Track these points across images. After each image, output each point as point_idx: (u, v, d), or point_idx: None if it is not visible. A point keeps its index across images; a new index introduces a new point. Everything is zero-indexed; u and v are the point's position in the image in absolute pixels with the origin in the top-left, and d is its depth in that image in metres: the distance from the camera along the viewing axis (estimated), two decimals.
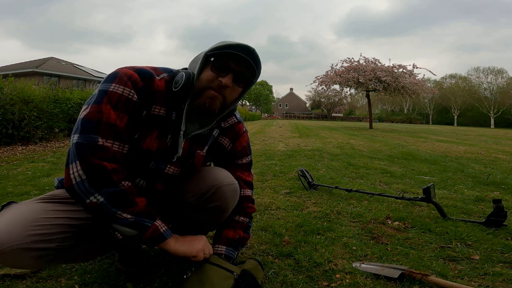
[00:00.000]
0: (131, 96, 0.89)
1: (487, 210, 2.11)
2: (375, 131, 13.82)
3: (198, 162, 1.09)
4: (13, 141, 5.23)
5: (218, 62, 0.96)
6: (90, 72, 25.29)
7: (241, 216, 1.16)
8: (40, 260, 0.83)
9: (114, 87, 0.88)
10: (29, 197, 2.20)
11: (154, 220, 0.90)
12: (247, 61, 0.95)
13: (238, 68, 0.96)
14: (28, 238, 0.79)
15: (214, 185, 1.03)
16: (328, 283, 1.16)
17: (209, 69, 0.96)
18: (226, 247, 1.09)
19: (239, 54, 0.94)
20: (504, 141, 9.79)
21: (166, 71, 1.00)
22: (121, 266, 1.20)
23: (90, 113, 0.86)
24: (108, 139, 0.85)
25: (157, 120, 0.96)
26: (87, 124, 0.84)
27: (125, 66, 0.94)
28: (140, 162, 0.98)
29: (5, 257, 0.78)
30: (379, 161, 4.44)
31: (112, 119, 0.86)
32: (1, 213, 0.87)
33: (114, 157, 0.86)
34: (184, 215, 1.11)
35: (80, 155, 0.82)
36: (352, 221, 1.87)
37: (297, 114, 69.63)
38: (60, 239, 0.85)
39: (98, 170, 0.82)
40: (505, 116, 48.11)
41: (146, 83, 0.93)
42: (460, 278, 1.22)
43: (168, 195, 1.09)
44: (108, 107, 0.86)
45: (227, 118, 1.14)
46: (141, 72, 0.93)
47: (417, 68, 16.10)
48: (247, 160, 1.21)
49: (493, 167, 4.20)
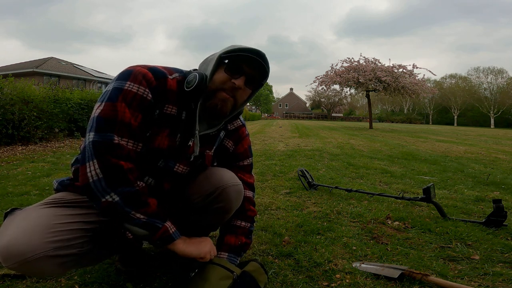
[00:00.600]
0: (145, 95, 0.90)
1: (487, 210, 2.11)
2: (375, 131, 13.82)
3: (208, 163, 1.10)
4: (13, 141, 5.23)
5: (232, 64, 0.97)
6: (90, 72, 25.29)
7: (242, 220, 1.16)
8: (62, 266, 0.83)
9: (129, 85, 0.88)
10: (29, 197, 2.20)
11: (165, 221, 0.91)
12: (260, 65, 0.98)
13: (251, 71, 0.99)
14: (49, 245, 0.78)
15: (220, 186, 1.03)
16: (328, 283, 1.16)
17: (222, 71, 0.97)
18: (228, 253, 1.10)
19: (253, 57, 0.96)
20: (504, 141, 9.79)
21: (178, 71, 1.01)
22: (121, 266, 1.21)
23: (105, 110, 0.85)
24: (124, 138, 0.86)
25: (168, 119, 0.97)
26: (102, 122, 0.84)
27: (139, 64, 0.94)
28: (150, 160, 0.98)
29: (29, 266, 0.76)
30: (379, 161, 4.44)
31: (127, 117, 0.86)
32: (8, 221, 0.85)
33: (129, 155, 0.87)
34: (188, 215, 1.11)
35: (97, 153, 0.82)
36: (352, 221, 1.87)
37: (297, 114, 69.63)
38: (79, 244, 0.85)
39: (115, 169, 0.83)
40: (505, 116, 48.12)
41: (160, 82, 0.94)
42: (460, 278, 1.22)
43: (174, 195, 1.10)
44: (123, 105, 0.86)
45: (233, 120, 1.16)
46: (155, 71, 0.94)
47: (417, 68, 16.10)
48: (248, 162, 1.22)
49: (493, 167, 4.20)
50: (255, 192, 1.26)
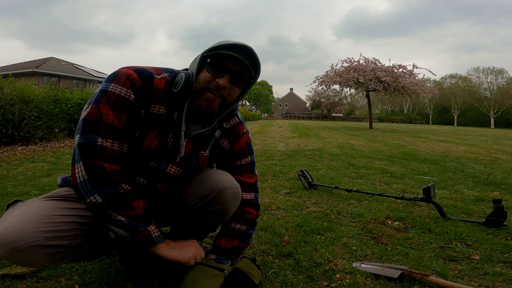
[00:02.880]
0: (127, 95, 0.90)
1: (487, 210, 2.11)
2: (375, 131, 13.82)
3: (203, 164, 1.09)
4: (13, 141, 5.23)
5: (215, 63, 0.95)
6: (90, 72, 25.30)
7: (237, 223, 1.13)
8: (52, 257, 0.84)
9: (113, 87, 0.90)
10: (29, 197, 2.20)
11: (148, 225, 0.92)
12: (246, 60, 0.95)
13: (236, 68, 0.95)
14: (42, 234, 0.80)
15: (215, 189, 1.02)
16: (328, 283, 1.16)
17: (206, 70, 0.96)
18: (216, 256, 1.09)
19: (235, 55, 0.93)
20: (504, 141, 9.79)
21: (168, 71, 1.01)
22: (121, 266, 1.21)
23: (90, 113, 0.88)
24: (108, 139, 0.88)
25: (157, 118, 0.97)
26: (87, 124, 0.87)
27: (127, 66, 0.95)
28: (141, 160, 0.99)
29: (19, 254, 0.78)
30: (379, 161, 4.44)
31: (110, 119, 0.88)
32: (9, 211, 0.88)
33: (114, 156, 0.88)
34: (184, 217, 1.11)
35: (83, 156, 0.85)
36: (352, 221, 1.87)
37: (297, 114, 69.65)
38: (72, 236, 0.87)
39: (98, 171, 0.85)
40: (505, 116, 48.13)
41: (145, 82, 0.93)
42: (460, 278, 1.22)
43: (168, 195, 1.09)
44: (106, 107, 0.88)
45: (229, 118, 1.14)
46: (140, 72, 0.94)
47: (417, 68, 16.11)
48: (246, 161, 1.19)
49: (493, 167, 4.20)
50: (258, 192, 1.23)
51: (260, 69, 1.01)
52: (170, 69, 1.03)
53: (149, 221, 0.92)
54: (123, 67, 0.95)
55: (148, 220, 0.92)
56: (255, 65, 0.99)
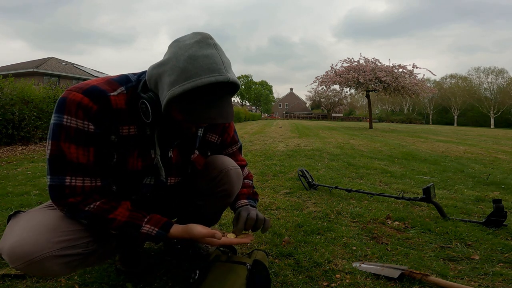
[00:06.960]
0: (86, 127, 0.81)
1: (487, 210, 2.11)
2: (375, 131, 13.82)
3: (199, 166, 1.11)
4: (13, 141, 5.23)
5: (190, 116, 0.81)
6: (90, 72, 25.30)
7: (245, 179, 1.24)
8: (67, 266, 0.83)
9: (67, 119, 0.80)
10: (29, 197, 2.20)
11: (140, 227, 0.88)
12: (228, 99, 0.85)
13: (216, 112, 0.83)
14: (55, 245, 0.79)
15: (223, 169, 1.08)
16: (328, 283, 1.16)
17: (179, 112, 0.82)
18: (247, 200, 1.16)
19: (215, 117, 0.81)
20: (504, 141, 9.79)
21: (122, 82, 0.88)
22: (121, 266, 1.21)
23: (52, 151, 0.81)
24: (78, 177, 0.83)
25: (130, 140, 0.90)
26: (53, 164, 0.82)
27: (74, 87, 0.83)
28: (134, 179, 0.97)
29: (35, 266, 0.77)
30: (379, 161, 4.44)
31: (74, 157, 0.81)
32: (13, 222, 0.85)
33: (85, 191, 0.84)
34: (192, 203, 1.15)
35: (53, 197, 0.84)
36: (352, 221, 1.87)
37: (297, 114, 69.65)
38: (84, 244, 0.86)
39: (70, 207, 0.84)
40: (505, 116, 48.14)
41: (101, 105, 0.82)
42: (460, 278, 1.22)
43: (179, 187, 1.13)
44: (67, 144, 0.81)
45: None
46: (90, 92, 0.82)
47: (417, 68, 16.10)
48: (236, 147, 1.23)
49: (493, 167, 4.20)
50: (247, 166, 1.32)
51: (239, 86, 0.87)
52: (124, 77, 0.90)
53: (139, 224, 0.88)
54: (69, 89, 0.83)
55: (137, 224, 0.88)
56: (235, 91, 0.86)
